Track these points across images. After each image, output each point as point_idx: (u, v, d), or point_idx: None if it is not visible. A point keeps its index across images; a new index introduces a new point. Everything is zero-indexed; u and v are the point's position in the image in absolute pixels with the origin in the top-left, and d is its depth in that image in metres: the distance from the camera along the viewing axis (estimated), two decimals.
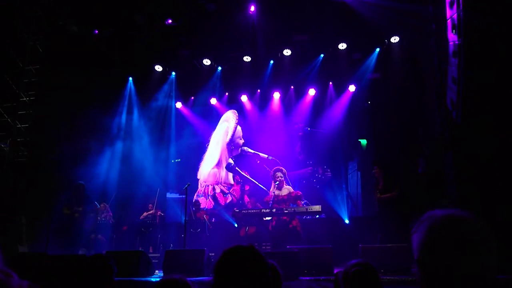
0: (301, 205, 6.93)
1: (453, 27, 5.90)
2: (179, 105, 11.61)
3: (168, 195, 11.02)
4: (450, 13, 5.93)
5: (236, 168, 10.04)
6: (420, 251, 1.04)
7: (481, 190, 4.91)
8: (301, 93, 10.70)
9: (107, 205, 9.42)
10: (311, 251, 5.56)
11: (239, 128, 11.06)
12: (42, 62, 9.75)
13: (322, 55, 10.17)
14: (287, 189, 7.15)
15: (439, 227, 1.02)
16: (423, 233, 1.04)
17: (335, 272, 3.68)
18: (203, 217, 9.35)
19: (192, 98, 11.63)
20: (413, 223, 1.15)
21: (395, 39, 9.40)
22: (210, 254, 6.02)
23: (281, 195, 7.03)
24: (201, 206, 10.02)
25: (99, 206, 8.75)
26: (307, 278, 4.90)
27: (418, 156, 8.55)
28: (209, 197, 10.55)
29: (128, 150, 10.74)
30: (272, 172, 7.33)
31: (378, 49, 9.78)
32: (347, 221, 9.35)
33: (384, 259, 5.16)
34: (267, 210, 6.79)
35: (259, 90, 11.16)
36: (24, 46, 9.61)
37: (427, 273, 1.02)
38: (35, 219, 8.62)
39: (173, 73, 11.33)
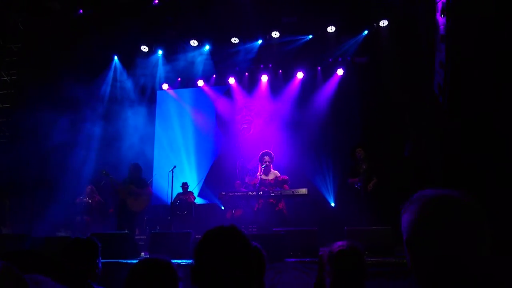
0: (287, 189, 6.93)
1: (442, 11, 5.87)
2: (165, 86, 11.45)
3: (154, 177, 10.94)
4: None
5: None
6: (410, 232, 1.01)
7: (467, 175, 4.97)
8: (289, 76, 10.65)
9: (94, 188, 9.31)
10: (297, 233, 5.59)
11: None
12: (24, 40, 9.46)
13: (310, 37, 10.07)
14: (273, 173, 7.11)
15: (431, 207, 0.99)
16: (414, 213, 1.01)
17: (320, 253, 3.72)
18: (190, 199, 9.33)
19: (179, 79, 11.47)
20: (399, 206, 1.12)
21: (384, 23, 9.35)
22: (196, 236, 6.01)
23: (268, 180, 7.00)
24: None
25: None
26: (293, 260, 4.93)
27: (404, 140, 8.61)
28: None
29: (114, 131, 10.58)
30: (259, 155, 7.28)
31: (366, 32, 9.72)
32: (333, 204, 9.45)
33: (369, 241, 5.22)
34: (254, 193, 6.79)
35: (247, 73, 11.07)
36: (5, 24, 9.29)
37: (416, 255, 1.00)
38: (19, 201, 8.48)
39: (160, 53, 11.12)
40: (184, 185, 9.57)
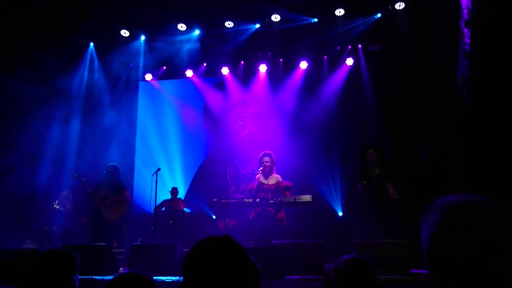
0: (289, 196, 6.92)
1: None
2: (148, 77, 11.43)
3: (135, 180, 10.92)
4: None
5: None
6: (431, 243, 1.01)
7: (494, 180, 4.98)
8: (291, 66, 10.65)
9: (70, 194, 9.29)
10: (299, 247, 5.60)
11: None
12: None
13: (316, 21, 10.05)
14: (275, 178, 7.09)
15: (454, 215, 0.99)
16: (435, 222, 1.01)
17: (325, 269, 3.71)
18: (179, 206, 9.32)
19: (164, 68, 11.45)
20: (416, 215, 1.12)
21: (400, 6, 9.36)
22: (183, 249, 6.01)
23: (267, 184, 6.99)
24: None
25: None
26: (294, 277, 4.94)
27: (422, 140, 8.63)
28: None
29: (90, 128, 10.56)
30: (260, 155, 7.27)
31: (379, 14, 9.70)
32: (340, 213, 9.45)
33: (381, 255, 5.23)
34: (250, 200, 6.77)
35: (242, 62, 11.06)
36: None
37: (437, 269, 1.00)
38: None
39: (142, 38, 11.09)
40: (174, 191, 9.54)
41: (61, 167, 9.91)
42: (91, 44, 11.11)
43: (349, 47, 10.28)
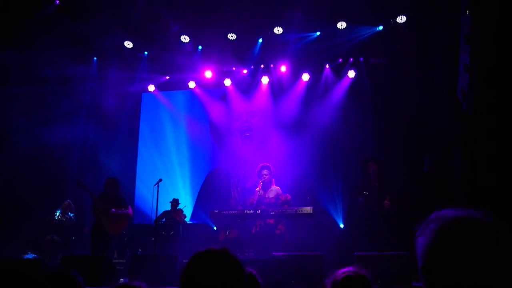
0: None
1: (467, 6, 5.93)
2: (151, 88, 11.48)
3: (136, 191, 10.92)
4: None
5: None
6: (426, 258, 1.02)
7: (494, 193, 4.97)
8: (294, 78, 10.68)
9: (71, 204, 9.28)
10: (300, 259, 5.59)
11: None
12: None
13: (318, 34, 10.10)
14: (274, 190, 7.08)
15: (449, 230, 1.00)
16: (430, 236, 1.02)
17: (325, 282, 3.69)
18: (179, 217, 9.30)
19: (167, 78, 11.49)
20: (416, 227, 1.12)
21: (401, 19, 9.40)
22: (183, 260, 6.00)
23: (268, 197, 6.98)
24: None
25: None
26: None
27: (423, 153, 8.63)
28: None
29: (92, 139, 10.59)
30: (258, 168, 7.27)
31: (381, 27, 9.72)
32: (341, 225, 9.42)
33: (382, 268, 5.21)
34: (251, 211, 6.77)
35: (245, 71, 11.09)
36: None
37: (432, 283, 1.00)
38: None
39: (145, 50, 11.14)
40: (174, 202, 9.51)
41: (63, 177, 9.92)
42: (94, 58, 11.13)
43: (351, 59, 10.32)
